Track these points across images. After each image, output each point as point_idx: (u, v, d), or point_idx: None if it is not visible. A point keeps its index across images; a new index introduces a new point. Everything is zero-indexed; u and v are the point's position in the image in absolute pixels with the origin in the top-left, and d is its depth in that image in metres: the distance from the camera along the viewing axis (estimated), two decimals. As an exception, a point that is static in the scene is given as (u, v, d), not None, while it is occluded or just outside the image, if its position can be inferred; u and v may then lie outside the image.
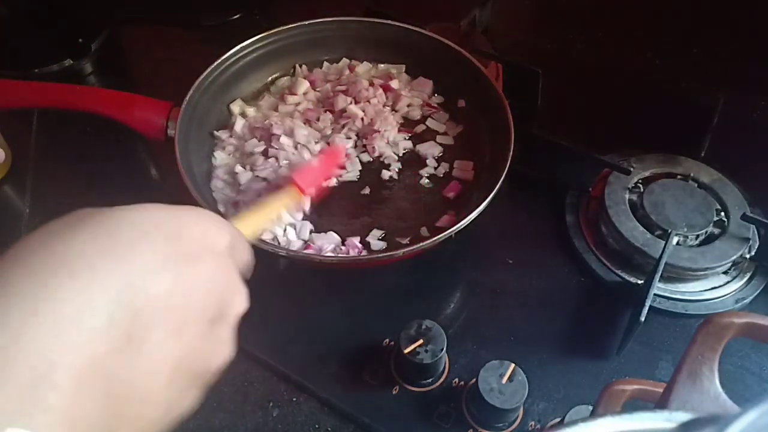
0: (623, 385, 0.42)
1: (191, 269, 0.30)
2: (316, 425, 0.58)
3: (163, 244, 0.30)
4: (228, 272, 0.33)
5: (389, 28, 0.79)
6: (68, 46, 0.91)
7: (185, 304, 0.30)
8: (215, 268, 0.32)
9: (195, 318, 0.30)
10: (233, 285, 0.34)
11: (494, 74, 0.79)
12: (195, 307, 0.30)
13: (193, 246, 0.31)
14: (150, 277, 0.28)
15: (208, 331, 0.32)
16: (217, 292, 0.32)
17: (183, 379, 0.30)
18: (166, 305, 0.29)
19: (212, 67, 0.73)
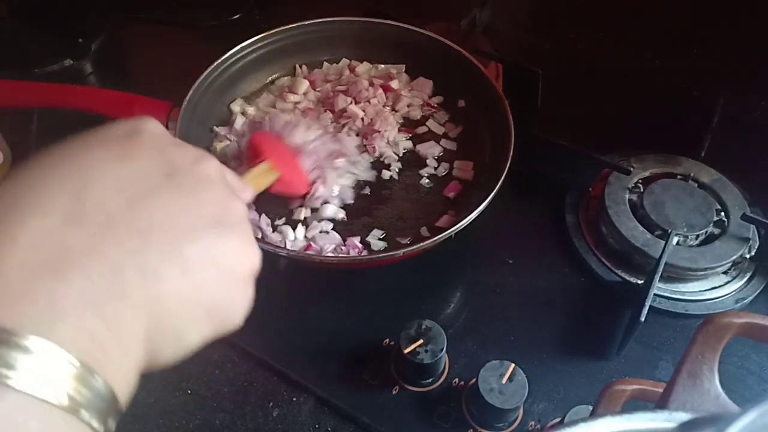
0: (623, 385, 0.42)
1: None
2: (316, 425, 0.58)
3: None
4: (216, 179, 0.32)
5: (389, 28, 0.79)
6: (68, 46, 0.91)
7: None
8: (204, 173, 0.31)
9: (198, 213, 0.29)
10: (222, 189, 0.32)
11: (494, 74, 0.79)
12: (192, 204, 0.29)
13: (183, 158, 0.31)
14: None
15: (218, 228, 0.30)
16: (211, 190, 0.31)
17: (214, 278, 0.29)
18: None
19: (212, 67, 0.73)
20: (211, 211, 0.30)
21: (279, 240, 0.65)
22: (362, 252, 0.65)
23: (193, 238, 0.28)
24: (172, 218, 0.28)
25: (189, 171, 0.30)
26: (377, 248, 0.65)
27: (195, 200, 0.29)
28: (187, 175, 0.30)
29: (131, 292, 0.25)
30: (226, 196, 0.31)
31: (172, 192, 0.28)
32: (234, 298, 0.31)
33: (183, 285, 0.27)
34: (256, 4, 0.99)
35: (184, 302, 0.28)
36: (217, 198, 0.30)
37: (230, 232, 0.30)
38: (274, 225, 0.67)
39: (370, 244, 0.66)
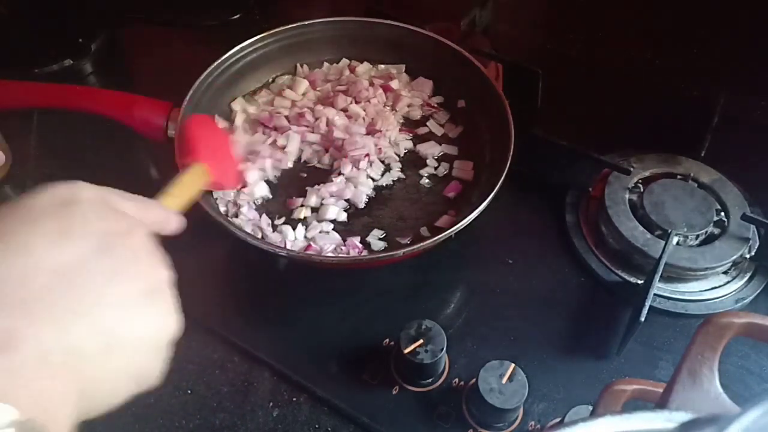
0: (623, 385, 0.42)
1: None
2: (316, 425, 0.58)
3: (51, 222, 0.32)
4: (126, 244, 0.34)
5: (389, 28, 0.79)
6: (68, 46, 0.91)
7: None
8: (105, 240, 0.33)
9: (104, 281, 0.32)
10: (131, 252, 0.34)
11: (494, 74, 0.79)
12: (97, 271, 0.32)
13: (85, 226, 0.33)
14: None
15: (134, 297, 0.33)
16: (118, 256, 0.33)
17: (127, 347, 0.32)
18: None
19: (212, 67, 0.73)
20: (136, 286, 0.32)
21: (279, 240, 0.65)
22: (362, 252, 0.65)
23: (119, 315, 0.31)
24: (101, 297, 0.31)
25: (119, 244, 0.33)
26: (377, 248, 0.65)
27: (123, 276, 0.32)
28: (116, 249, 0.32)
29: (60, 372, 0.28)
30: (150, 267, 0.34)
31: (102, 270, 0.31)
32: (153, 362, 0.34)
33: (107, 359, 0.31)
34: (256, 4, 0.99)
35: (108, 373, 0.31)
36: (142, 271, 0.33)
37: (152, 305, 0.33)
38: (274, 225, 0.67)
39: (370, 244, 0.66)
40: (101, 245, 0.32)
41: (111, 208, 0.35)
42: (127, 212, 0.36)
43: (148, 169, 0.82)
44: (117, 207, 0.36)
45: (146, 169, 0.82)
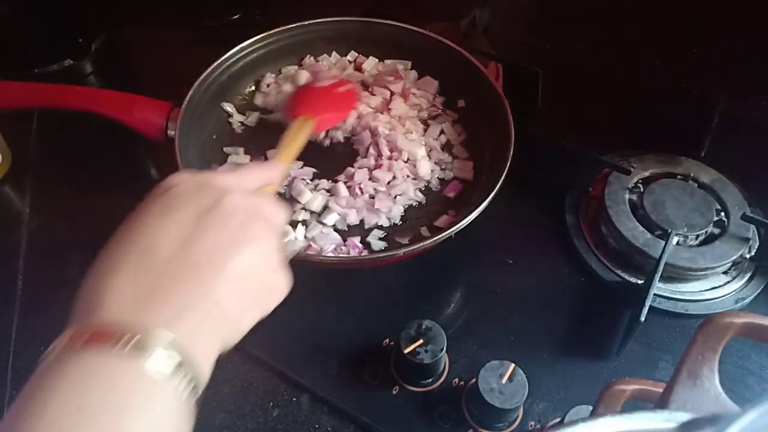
0: (623, 385, 0.42)
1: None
2: (316, 425, 0.58)
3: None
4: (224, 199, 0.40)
5: (389, 29, 0.79)
6: (68, 46, 0.91)
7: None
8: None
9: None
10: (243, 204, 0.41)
11: (494, 74, 0.79)
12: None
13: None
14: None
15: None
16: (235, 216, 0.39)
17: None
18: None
19: (212, 67, 0.73)
20: (236, 236, 0.39)
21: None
22: (362, 252, 0.65)
23: (228, 259, 0.38)
24: (211, 250, 0.37)
25: (213, 210, 0.39)
26: (377, 248, 0.65)
27: (224, 231, 0.39)
28: (212, 214, 0.39)
29: (197, 309, 0.36)
30: (245, 219, 0.40)
31: (204, 231, 0.38)
32: (270, 287, 0.41)
33: (234, 292, 0.38)
34: (256, 4, 0.99)
35: (236, 304, 0.38)
36: (238, 224, 0.39)
37: (253, 245, 0.39)
38: (274, 225, 0.67)
39: (370, 244, 0.66)
40: (200, 212, 0.39)
41: (204, 184, 0.41)
42: (220, 184, 0.42)
43: (148, 169, 0.82)
44: (210, 182, 0.41)
45: (146, 169, 0.82)
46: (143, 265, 0.36)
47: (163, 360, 0.32)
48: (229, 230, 0.39)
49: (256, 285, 0.40)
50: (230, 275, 0.37)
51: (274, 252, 0.41)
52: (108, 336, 0.32)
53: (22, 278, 0.69)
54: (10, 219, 0.74)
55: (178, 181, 0.41)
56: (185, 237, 0.37)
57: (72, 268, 0.69)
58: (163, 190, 0.40)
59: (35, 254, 0.71)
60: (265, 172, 0.48)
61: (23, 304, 0.66)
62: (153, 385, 0.32)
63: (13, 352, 0.63)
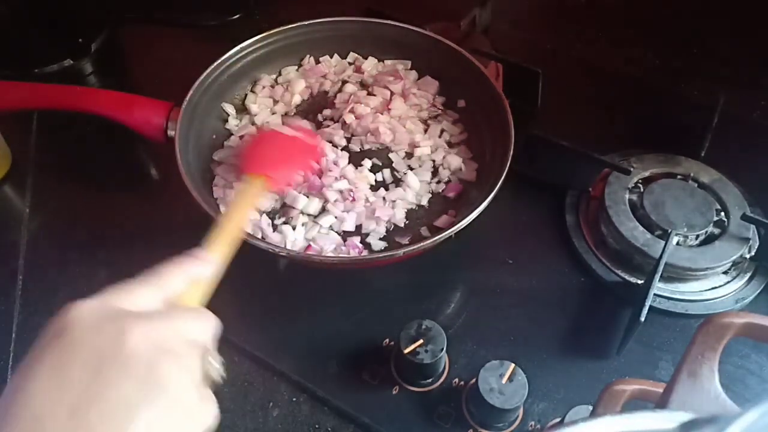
0: (623, 385, 0.42)
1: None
2: (316, 425, 0.58)
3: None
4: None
5: (389, 28, 0.79)
6: (68, 46, 0.91)
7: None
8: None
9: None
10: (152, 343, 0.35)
11: (494, 74, 0.79)
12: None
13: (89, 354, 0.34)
14: None
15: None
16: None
17: None
18: None
19: (212, 67, 0.73)
20: (141, 386, 0.33)
21: (279, 240, 0.65)
22: (362, 252, 0.65)
23: (132, 418, 0.32)
24: (112, 411, 0.32)
25: (113, 355, 0.33)
26: (377, 248, 0.65)
27: (125, 384, 0.33)
28: (110, 361, 0.33)
29: None
30: (150, 363, 0.34)
31: (103, 387, 0.32)
32: (194, 424, 0.35)
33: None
34: (256, 4, 0.99)
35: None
36: (141, 370, 0.33)
37: (164, 391, 0.34)
38: (274, 225, 0.67)
39: (370, 244, 0.66)
40: (97, 362, 0.33)
41: (102, 319, 0.35)
42: (124, 314, 0.36)
43: (148, 169, 0.82)
44: (113, 312, 0.36)
45: (146, 169, 0.82)
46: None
47: None
48: (131, 382, 0.33)
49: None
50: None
51: (190, 390, 0.35)
52: None
53: (22, 278, 0.69)
54: (10, 219, 0.74)
55: (75, 318, 0.35)
56: (78, 402, 0.32)
57: (72, 268, 0.69)
58: (54, 335, 0.35)
59: (35, 254, 0.71)
60: (189, 268, 0.41)
61: (23, 304, 0.66)
62: None
63: (13, 352, 0.63)
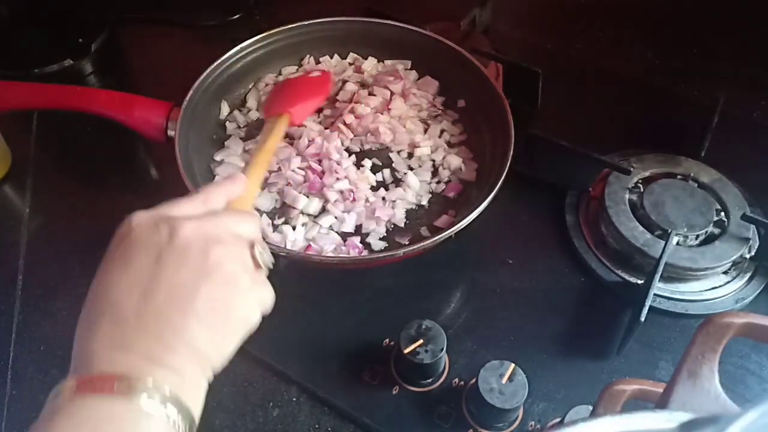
0: (623, 385, 0.42)
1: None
2: (316, 425, 0.58)
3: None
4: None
5: (389, 28, 0.79)
6: (68, 46, 0.91)
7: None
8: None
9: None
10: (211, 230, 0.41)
11: (494, 74, 0.79)
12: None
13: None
14: None
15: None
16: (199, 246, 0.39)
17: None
18: None
19: (212, 67, 0.73)
20: (195, 270, 0.39)
21: (279, 240, 0.65)
22: (362, 252, 0.65)
23: (193, 295, 0.38)
24: (174, 290, 0.38)
25: (168, 248, 0.39)
26: (377, 248, 0.65)
27: (182, 269, 0.39)
28: (168, 252, 0.39)
29: (175, 348, 0.37)
30: (202, 250, 0.39)
31: (164, 272, 0.38)
32: (245, 308, 0.41)
33: (205, 327, 0.38)
34: (256, 4, 0.99)
35: (212, 335, 0.39)
36: (195, 257, 0.39)
37: (215, 275, 0.39)
38: (274, 225, 0.67)
39: (370, 244, 0.66)
40: (157, 253, 0.39)
41: (158, 221, 0.40)
42: (176, 215, 0.41)
43: (148, 169, 0.82)
44: (166, 216, 0.41)
45: (146, 169, 0.82)
46: (114, 322, 0.37)
47: (154, 405, 0.35)
48: (188, 265, 0.39)
49: (229, 311, 0.40)
50: (198, 313, 0.38)
51: (243, 272, 0.41)
52: (103, 385, 0.35)
53: (22, 278, 0.69)
54: (10, 219, 0.74)
55: (134, 223, 0.41)
56: (146, 283, 0.38)
57: (72, 268, 0.69)
58: (120, 238, 0.40)
59: (35, 254, 0.71)
60: (227, 188, 0.47)
61: (23, 304, 0.67)
62: (148, 421, 0.35)
63: (13, 352, 0.63)
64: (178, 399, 0.36)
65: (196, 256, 0.39)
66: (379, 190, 0.69)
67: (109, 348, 0.37)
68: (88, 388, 0.35)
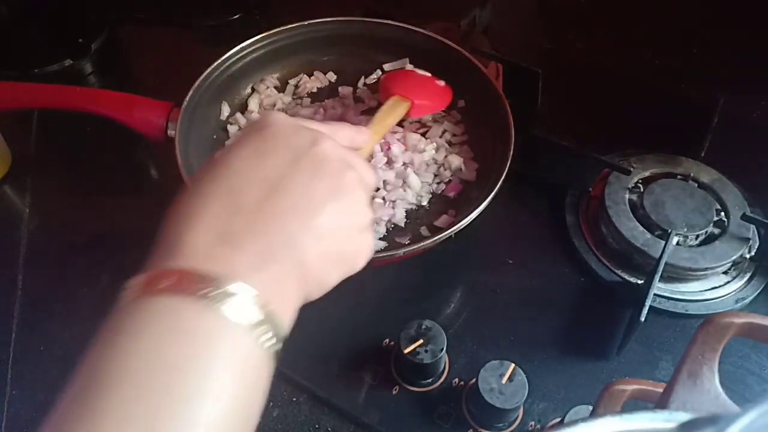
0: (623, 385, 0.42)
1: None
2: (316, 425, 0.58)
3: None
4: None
5: (389, 28, 0.79)
6: (68, 46, 0.91)
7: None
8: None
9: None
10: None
11: (494, 74, 0.79)
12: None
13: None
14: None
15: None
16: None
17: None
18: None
19: (212, 67, 0.73)
20: (329, 185, 0.38)
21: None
22: (362, 252, 0.65)
23: (318, 211, 0.37)
24: (302, 198, 0.36)
25: (308, 154, 0.38)
26: (377, 248, 0.65)
27: (316, 179, 0.37)
28: (307, 157, 0.38)
29: (282, 260, 0.35)
30: (339, 168, 0.39)
31: (298, 176, 0.37)
32: (357, 246, 0.40)
33: (318, 247, 0.36)
34: (256, 4, 0.99)
35: (321, 259, 0.37)
36: (332, 172, 0.38)
37: (345, 198, 0.38)
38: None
39: (370, 244, 0.66)
40: (294, 155, 0.37)
41: (300, 126, 0.40)
42: (316, 128, 0.41)
43: (148, 169, 0.82)
44: (307, 125, 0.40)
45: (146, 169, 0.82)
46: (230, 207, 0.34)
47: (246, 312, 0.31)
48: (322, 178, 0.37)
49: (344, 242, 0.38)
50: (319, 228, 0.36)
51: (363, 211, 0.40)
52: (188, 283, 0.31)
53: (22, 278, 0.69)
54: (10, 219, 0.74)
55: (273, 120, 0.39)
56: (277, 181, 0.36)
57: (72, 268, 0.69)
58: (257, 129, 0.39)
59: (35, 254, 0.71)
60: (355, 133, 0.48)
61: (23, 304, 0.66)
62: (235, 334, 0.31)
63: (13, 352, 0.63)
64: (273, 317, 0.33)
65: (332, 173, 0.38)
66: (379, 191, 0.69)
67: (208, 239, 0.33)
68: (161, 286, 0.31)
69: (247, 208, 0.35)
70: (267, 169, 0.36)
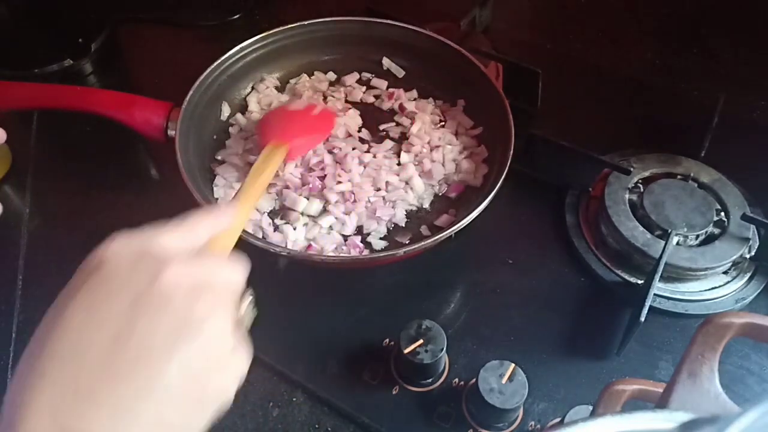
0: (623, 385, 0.42)
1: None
2: (316, 425, 0.58)
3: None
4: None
5: (389, 28, 0.79)
6: (68, 46, 0.91)
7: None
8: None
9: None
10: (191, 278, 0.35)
11: (494, 74, 0.79)
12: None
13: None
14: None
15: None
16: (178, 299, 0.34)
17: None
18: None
19: (212, 67, 0.73)
20: (174, 327, 0.33)
21: (280, 240, 0.65)
22: (363, 251, 0.65)
23: (171, 354, 0.32)
24: (144, 350, 0.32)
25: (149, 292, 0.33)
26: (378, 248, 0.66)
27: (163, 319, 0.33)
28: (147, 297, 0.33)
29: (139, 422, 0.31)
30: (186, 300, 0.34)
31: (138, 323, 0.32)
32: (220, 381, 0.35)
33: (177, 396, 0.32)
34: (256, 4, 0.99)
35: (178, 412, 0.32)
36: (177, 308, 0.33)
37: (197, 337, 0.33)
38: (275, 225, 0.67)
39: (370, 243, 0.66)
40: (134, 298, 0.33)
41: (139, 257, 0.35)
42: (159, 251, 0.35)
43: (148, 169, 0.82)
44: (148, 251, 0.35)
45: (146, 169, 0.82)
46: (68, 372, 0.31)
47: None
48: (169, 316, 0.33)
49: (202, 384, 0.34)
50: (172, 376, 0.32)
51: (222, 340, 0.35)
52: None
53: (22, 278, 0.69)
54: (10, 219, 0.74)
55: (107, 256, 0.35)
56: (117, 332, 0.32)
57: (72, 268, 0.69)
58: (91, 270, 0.34)
59: (35, 254, 0.71)
60: (215, 219, 0.42)
61: (23, 304, 0.67)
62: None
63: (13, 352, 0.63)
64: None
65: (178, 309, 0.33)
66: (380, 190, 0.69)
67: (48, 410, 0.30)
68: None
69: (85, 373, 0.31)
70: (102, 321, 0.32)
